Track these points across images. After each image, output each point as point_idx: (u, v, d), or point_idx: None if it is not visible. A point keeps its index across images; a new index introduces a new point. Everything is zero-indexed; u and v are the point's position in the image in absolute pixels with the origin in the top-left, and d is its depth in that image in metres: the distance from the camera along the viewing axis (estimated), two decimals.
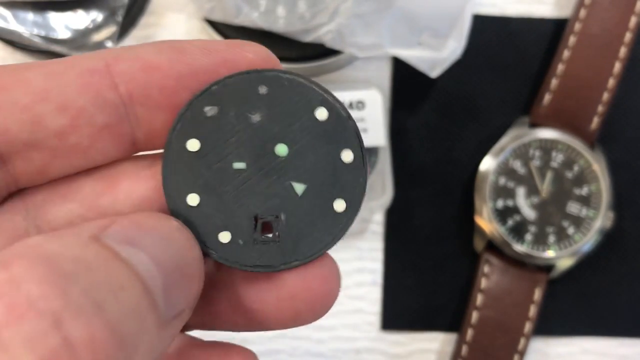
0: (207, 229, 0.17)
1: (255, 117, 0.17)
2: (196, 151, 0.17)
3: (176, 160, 0.17)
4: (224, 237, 0.17)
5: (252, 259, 0.17)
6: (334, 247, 0.39)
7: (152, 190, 0.17)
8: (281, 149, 0.17)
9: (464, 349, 0.37)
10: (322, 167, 0.17)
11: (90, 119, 0.16)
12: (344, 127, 0.17)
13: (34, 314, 0.11)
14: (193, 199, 0.17)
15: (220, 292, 0.18)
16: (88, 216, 0.17)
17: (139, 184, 0.18)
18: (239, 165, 0.17)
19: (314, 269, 0.17)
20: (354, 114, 0.37)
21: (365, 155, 0.17)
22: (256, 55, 0.17)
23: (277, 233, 0.17)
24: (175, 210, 0.17)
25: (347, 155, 0.17)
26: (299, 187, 0.17)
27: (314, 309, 0.18)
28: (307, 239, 0.17)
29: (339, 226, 0.17)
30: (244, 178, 0.17)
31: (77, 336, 0.11)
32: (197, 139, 0.17)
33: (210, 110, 0.17)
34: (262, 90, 0.17)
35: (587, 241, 0.37)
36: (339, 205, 0.17)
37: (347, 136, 0.17)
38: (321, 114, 0.17)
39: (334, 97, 0.17)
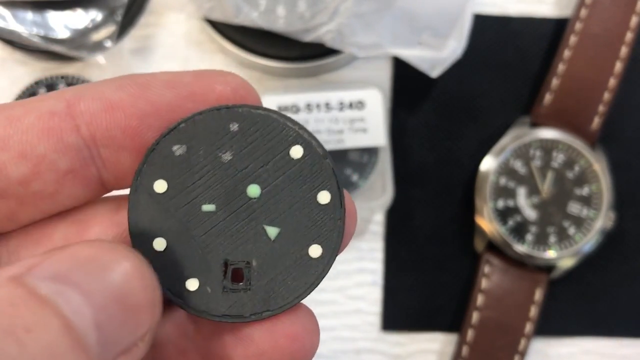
0: (174, 276, 0.16)
1: (226, 156, 0.16)
2: (163, 193, 0.16)
3: (143, 203, 0.16)
4: (192, 284, 0.16)
5: (221, 308, 0.16)
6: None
7: (123, 235, 0.17)
8: (253, 190, 0.16)
9: (465, 350, 0.37)
10: (296, 209, 0.16)
11: (52, 165, 0.16)
12: (320, 166, 0.16)
13: None
14: (160, 244, 0.16)
15: (191, 343, 0.17)
16: None
17: (110, 229, 0.17)
18: (208, 207, 0.16)
19: (283, 325, 0.16)
20: (354, 113, 0.37)
21: (343, 195, 0.16)
22: (226, 85, 0.16)
23: (248, 281, 0.16)
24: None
25: (323, 197, 0.16)
26: (272, 231, 0.16)
27: None
28: (280, 288, 0.16)
29: (315, 274, 0.17)
30: (214, 221, 0.16)
31: None
32: (165, 179, 0.16)
33: (178, 150, 0.16)
34: (234, 127, 0.16)
35: (587, 241, 0.37)
36: (315, 250, 0.16)
37: (324, 176, 0.16)
38: (296, 152, 0.16)
39: (309, 133, 0.16)
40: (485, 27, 0.39)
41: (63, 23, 0.37)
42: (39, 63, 0.39)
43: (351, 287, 0.39)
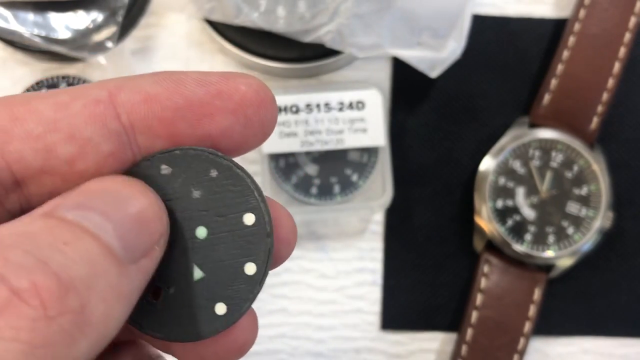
0: None
1: (196, 193, 0.18)
2: None
3: None
4: None
5: (135, 315, 0.18)
6: (336, 246, 0.39)
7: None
8: (201, 232, 0.18)
9: (464, 349, 0.37)
10: (225, 266, 0.18)
11: (96, 148, 0.17)
12: (261, 241, 0.18)
13: None
14: None
15: None
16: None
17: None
18: None
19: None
20: (354, 114, 0.37)
21: (266, 274, 0.18)
22: (249, 87, 0.18)
23: (163, 302, 0.18)
24: None
25: (250, 268, 0.18)
26: (197, 274, 0.18)
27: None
28: (182, 324, 0.18)
29: (213, 327, 0.18)
30: None
31: (21, 286, 0.13)
32: None
33: (164, 169, 0.18)
34: (213, 173, 0.18)
35: (586, 241, 0.37)
36: (220, 308, 0.18)
37: (259, 251, 0.18)
38: (248, 219, 0.18)
39: (267, 210, 0.18)
40: (485, 27, 0.40)
41: (64, 24, 0.37)
42: (40, 63, 0.39)
43: (351, 286, 0.39)
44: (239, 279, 0.18)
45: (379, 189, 0.38)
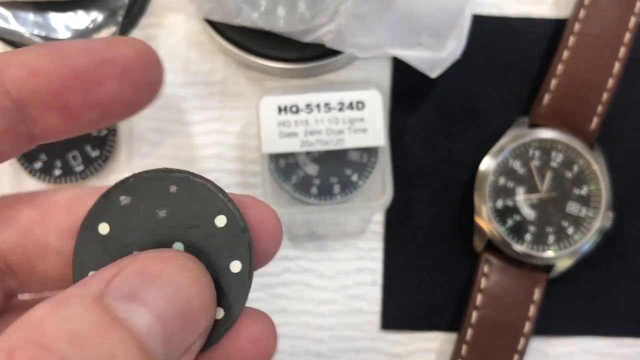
0: None
1: (162, 213, 0.18)
2: (105, 234, 0.18)
3: (87, 239, 0.18)
4: None
5: None
6: (336, 246, 0.39)
7: (77, 222, 0.19)
8: (177, 247, 0.18)
9: (464, 349, 0.37)
10: (210, 272, 0.18)
11: None
12: (238, 238, 0.18)
13: None
14: None
15: None
16: (25, 243, 0.19)
17: (67, 216, 0.19)
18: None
19: (246, 331, 0.18)
20: (354, 114, 0.37)
21: (253, 268, 0.18)
22: (131, 51, 0.18)
23: None
24: None
25: (235, 266, 0.18)
26: None
27: None
28: None
29: (214, 333, 0.18)
30: None
31: None
32: (108, 223, 0.18)
33: (124, 200, 0.18)
34: (172, 189, 0.18)
35: (586, 241, 0.37)
36: (218, 312, 0.18)
37: (240, 247, 0.18)
38: (220, 221, 0.18)
39: (235, 207, 0.18)
40: (485, 27, 0.40)
41: (64, 24, 0.37)
42: None
43: (351, 286, 0.39)
44: (228, 279, 0.18)
45: (379, 189, 0.38)
